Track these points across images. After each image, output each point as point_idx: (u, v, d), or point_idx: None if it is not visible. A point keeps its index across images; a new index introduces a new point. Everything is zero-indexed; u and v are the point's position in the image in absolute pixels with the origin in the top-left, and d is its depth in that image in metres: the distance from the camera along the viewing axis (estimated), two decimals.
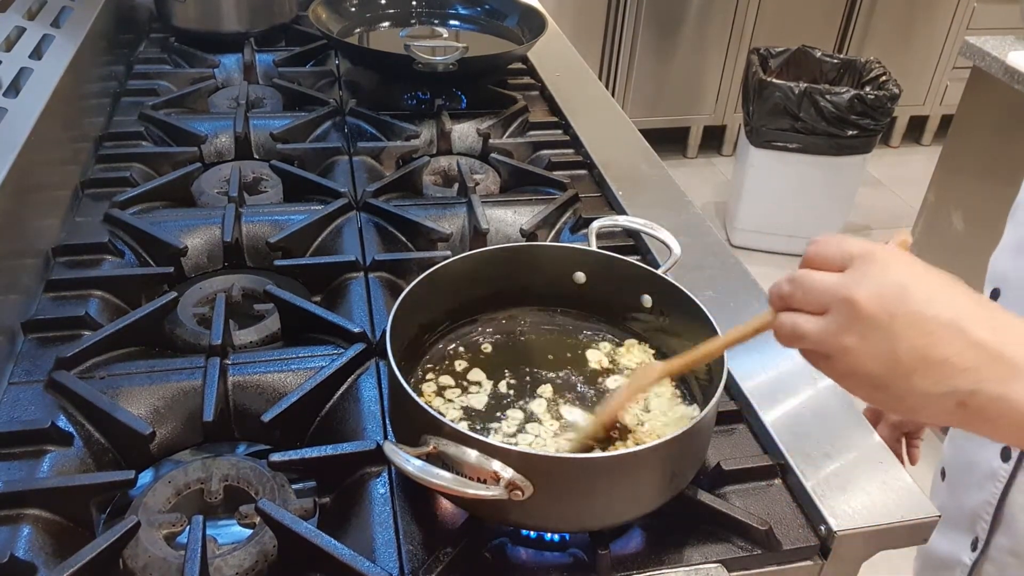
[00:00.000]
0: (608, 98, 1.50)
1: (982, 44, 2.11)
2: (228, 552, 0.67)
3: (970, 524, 0.89)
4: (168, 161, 1.20)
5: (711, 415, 0.68)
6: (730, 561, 0.68)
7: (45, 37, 1.19)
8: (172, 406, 0.81)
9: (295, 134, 1.28)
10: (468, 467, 0.60)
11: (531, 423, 0.74)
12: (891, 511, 0.71)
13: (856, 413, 0.81)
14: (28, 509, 0.68)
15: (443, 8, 1.66)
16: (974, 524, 0.89)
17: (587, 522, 0.66)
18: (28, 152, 0.95)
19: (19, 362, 0.84)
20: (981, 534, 0.88)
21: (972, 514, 0.89)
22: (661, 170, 1.25)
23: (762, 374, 0.84)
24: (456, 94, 1.45)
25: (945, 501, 0.95)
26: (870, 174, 3.60)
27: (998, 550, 0.86)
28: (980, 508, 0.87)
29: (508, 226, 1.11)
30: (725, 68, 3.55)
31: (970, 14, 3.64)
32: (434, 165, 1.25)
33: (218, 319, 0.86)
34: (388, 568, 0.65)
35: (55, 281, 0.94)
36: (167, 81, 1.45)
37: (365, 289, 0.96)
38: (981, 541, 0.88)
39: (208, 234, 1.05)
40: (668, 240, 0.86)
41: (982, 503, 0.87)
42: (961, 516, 0.91)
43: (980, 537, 0.88)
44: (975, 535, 0.89)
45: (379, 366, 0.85)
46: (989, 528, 0.87)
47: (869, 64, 3.04)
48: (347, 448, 0.74)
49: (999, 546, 0.86)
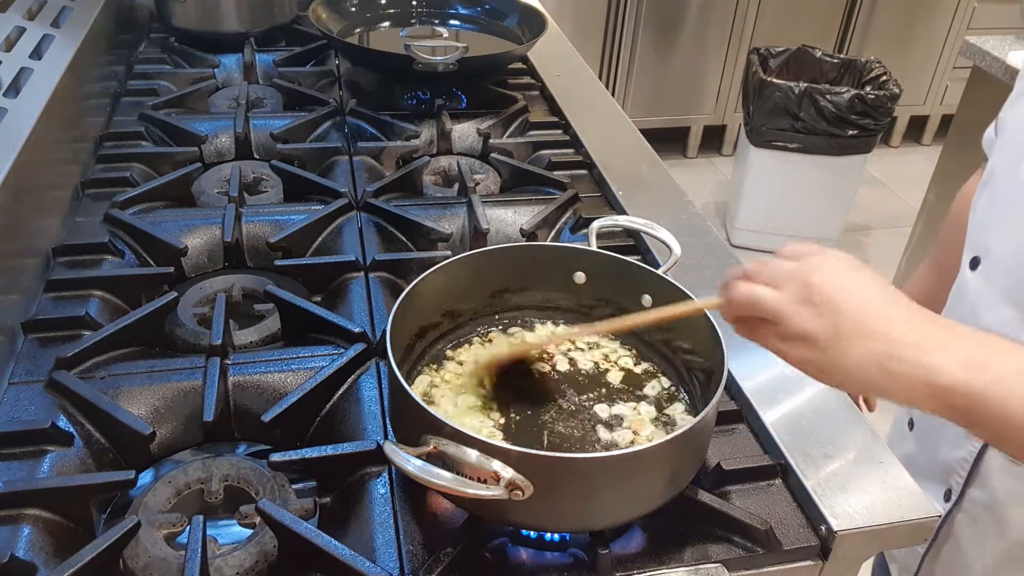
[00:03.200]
0: (608, 98, 1.50)
1: (982, 44, 2.11)
2: (228, 552, 0.67)
3: (943, 476, 0.91)
4: (168, 161, 1.20)
5: (711, 415, 0.68)
6: (730, 561, 0.68)
7: (45, 37, 1.19)
8: (172, 406, 0.81)
9: (295, 134, 1.28)
10: (468, 467, 0.60)
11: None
12: (891, 511, 0.71)
13: (856, 413, 0.81)
14: (28, 509, 0.68)
15: (443, 8, 1.66)
16: (948, 477, 0.90)
17: (587, 522, 0.66)
18: (28, 152, 0.95)
19: (19, 362, 0.84)
20: (955, 487, 0.90)
21: (946, 467, 0.91)
22: (661, 170, 1.25)
23: (762, 374, 0.84)
24: (456, 94, 1.45)
25: (914, 451, 0.97)
26: (870, 174, 3.60)
27: (972, 502, 0.88)
28: (956, 464, 0.89)
29: (508, 226, 1.11)
30: (725, 68, 3.55)
31: (970, 14, 3.64)
32: (434, 165, 1.25)
33: (218, 319, 0.86)
34: (388, 568, 0.65)
35: (55, 281, 0.94)
36: (167, 81, 1.45)
37: (365, 289, 0.96)
38: (955, 493, 0.90)
39: (208, 234, 1.05)
40: (668, 240, 0.86)
41: (958, 460, 0.89)
42: (933, 468, 0.92)
43: (954, 489, 0.90)
44: (948, 486, 0.90)
45: (379, 366, 0.85)
46: (964, 482, 0.89)
47: (869, 64, 3.04)
48: (347, 448, 0.74)
49: (973, 499, 0.88)
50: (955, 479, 0.89)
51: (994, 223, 0.86)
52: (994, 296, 0.84)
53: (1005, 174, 0.85)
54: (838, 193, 3.05)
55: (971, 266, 0.88)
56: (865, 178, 3.32)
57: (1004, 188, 0.85)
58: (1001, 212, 0.85)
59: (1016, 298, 0.81)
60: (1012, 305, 0.81)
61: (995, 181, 0.87)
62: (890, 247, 2.98)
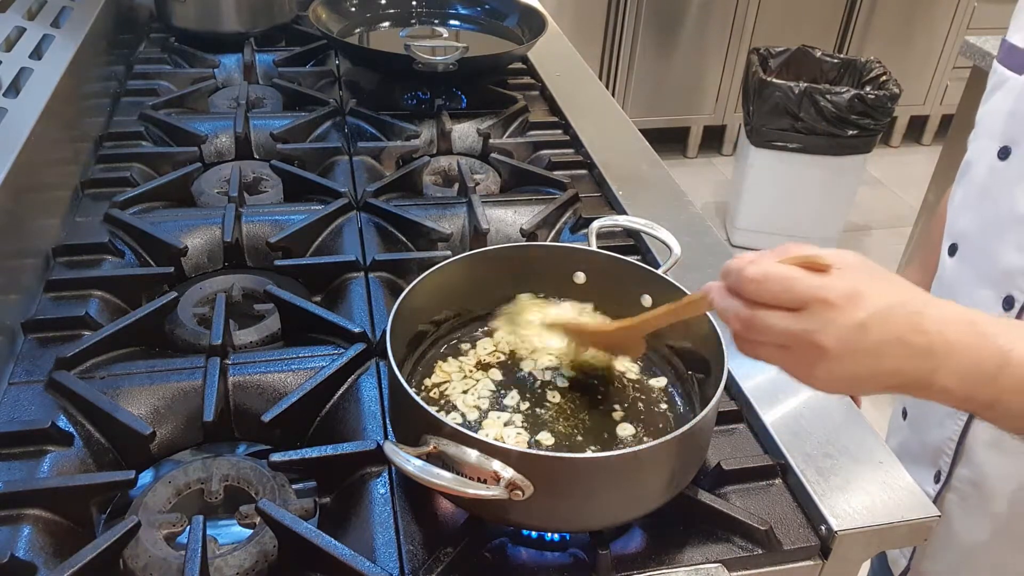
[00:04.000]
0: (608, 98, 1.50)
1: (982, 44, 2.11)
2: (228, 552, 0.67)
3: (933, 458, 0.93)
4: (168, 161, 1.20)
5: (711, 415, 0.68)
6: (730, 561, 0.68)
7: (45, 37, 1.19)
8: (172, 406, 0.81)
9: (295, 134, 1.28)
10: (468, 467, 0.60)
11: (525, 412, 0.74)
12: (891, 511, 0.71)
13: (856, 413, 0.81)
14: (28, 509, 0.68)
15: (443, 8, 1.66)
16: (937, 458, 0.92)
17: (587, 522, 0.66)
18: (28, 152, 0.95)
19: (19, 362, 0.84)
20: (944, 467, 0.91)
21: (935, 449, 0.92)
22: (661, 170, 1.24)
23: (762, 374, 0.84)
24: (456, 94, 1.45)
25: (907, 437, 0.99)
26: (870, 174, 3.60)
27: (960, 480, 0.90)
28: (943, 443, 0.91)
29: (508, 226, 1.11)
30: (725, 68, 3.55)
31: (970, 14, 3.64)
32: (434, 165, 1.25)
33: (218, 319, 0.86)
34: (388, 568, 0.65)
35: (55, 281, 0.94)
36: (167, 81, 1.45)
37: (365, 289, 0.96)
38: (944, 474, 0.91)
39: (208, 234, 1.05)
40: (668, 240, 0.86)
41: (944, 439, 0.91)
42: (924, 452, 0.94)
43: (943, 470, 0.92)
44: (938, 468, 0.92)
45: (379, 366, 0.85)
46: (951, 461, 0.90)
47: (869, 64, 3.04)
48: (347, 448, 0.74)
49: (961, 477, 0.90)
50: (943, 460, 0.91)
51: (968, 209, 0.89)
52: (971, 279, 0.87)
53: (979, 163, 0.88)
54: (838, 193, 3.05)
55: (950, 253, 0.91)
56: (865, 178, 3.32)
57: (978, 176, 0.88)
58: (975, 198, 0.88)
59: (993, 277, 0.84)
60: (988, 285, 0.84)
61: (970, 172, 0.90)
62: (890, 247, 2.98)
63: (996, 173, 0.85)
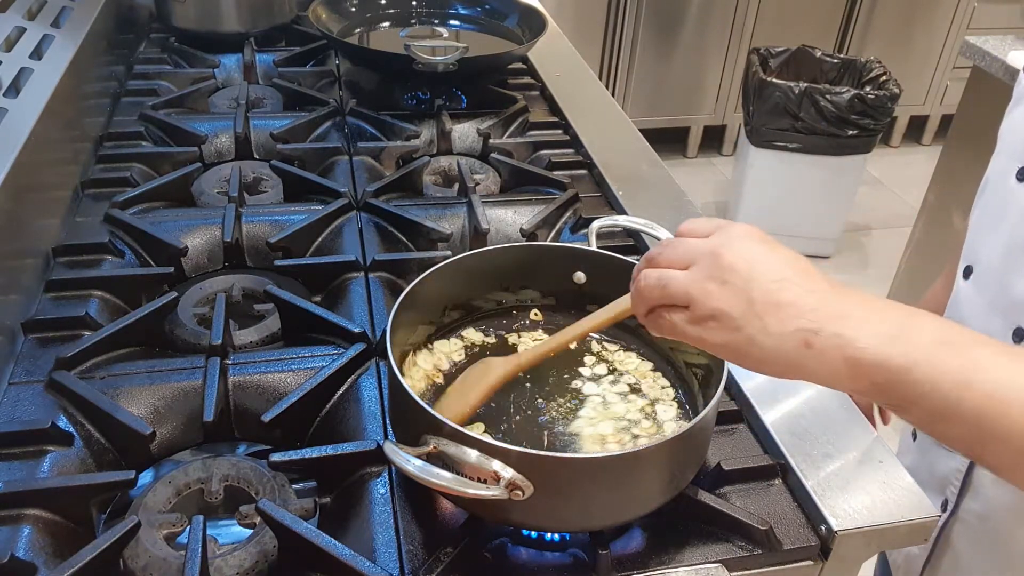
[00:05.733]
0: (608, 98, 1.50)
1: (982, 44, 2.11)
2: (228, 552, 0.67)
3: (940, 487, 0.91)
4: (168, 161, 1.20)
5: (711, 415, 0.68)
6: (730, 561, 0.68)
7: (45, 37, 1.19)
8: (172, 406, 0.81)
9: (295, 134, 1.28)
10: (468, 467, 0.60)
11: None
12: (891, 511, 0.71)
13: (856, 413, 0.81)
14: (28, 509, 0.68)
15: (443, 8, 1.66)
16: (944, 487, 0.90)
17: (587, 522, 0.66)
18: (28, 152, 0.95)
19: (19, 362, 0.84)
20: (951, 497, 0.89)
21: (942, 478, 0.90)
22: (661, 170, 1.24)
23: (762, 374, 0.84)
24: (456, 94, 1.45)
25: (916, 461, 0.97)
26: (870, 174, 3.60)
27: (968, 513, 0.88)
28: (950, 473, 0.89)
29: (508, 226, 1.11)
30: (725, 68, 3.55)
31: (970, 14, 3.64)
32: (434, 165, 1.25)
33: (218, 319, 0.86)
34: (388, 568, 0.65)
35: (55, 281, 0.94)
36: (167, 81, 1.45)
37: (365, 289, 0.96)
38: (951, 504, 0.90)
39: (208, 234, 1.05)
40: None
41: (952, 469, 0.89)
42: (931, 478, 0.92)
43: (950, 500, 0.90)
44: (945, 497, 0.90)
45: (379, 366, 0.85)
46: (959, 492, 0.88)
47: (869, 64, 3.04)
48: (347, 448, 0.74)
49: (968, 509, 0.88)
50: (950, 489, 0.89)
51: (985, 231, 0.86)
52: (982, 306, 0.83)
53: (997, 183, 0.85)
54: (838, 193, 3.05)
55: (964, 275, 0.88)
56: (865, 178, 3.32)
57: (995, 197, 0.85)
58: (991, 220, 0.85)
59: (1003, 306, 0.80)
60: (999, 314, 0.81)
61: (988, 190, 0.87)
62: (890, 247, 2.98)
63: (1013, 195, 0.80)
